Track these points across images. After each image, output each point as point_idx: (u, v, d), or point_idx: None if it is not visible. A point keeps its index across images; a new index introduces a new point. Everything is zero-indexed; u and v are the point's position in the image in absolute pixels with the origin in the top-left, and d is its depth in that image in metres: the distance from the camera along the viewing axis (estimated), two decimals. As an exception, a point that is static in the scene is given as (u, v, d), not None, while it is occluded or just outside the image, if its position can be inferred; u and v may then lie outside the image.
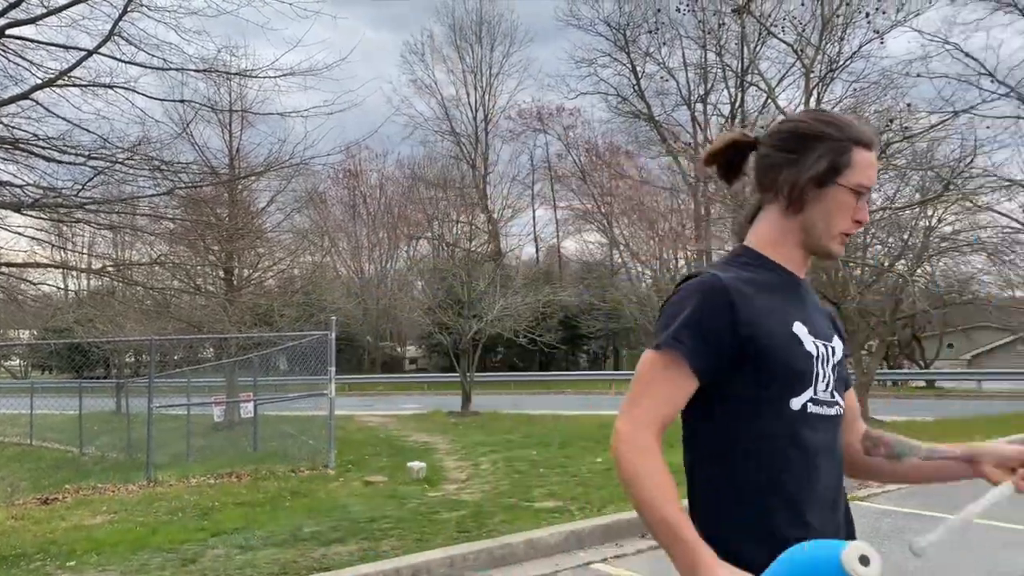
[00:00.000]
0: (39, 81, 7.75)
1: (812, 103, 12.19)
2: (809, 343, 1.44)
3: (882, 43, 13.02)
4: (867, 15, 11.85)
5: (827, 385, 1.45)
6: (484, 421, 16.35)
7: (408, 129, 46.32)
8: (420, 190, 35.60)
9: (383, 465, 10.13)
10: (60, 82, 7.84)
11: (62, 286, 22.13)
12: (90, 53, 7.88)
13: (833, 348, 1.49)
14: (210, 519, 6.93)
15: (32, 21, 7.63)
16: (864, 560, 1.16)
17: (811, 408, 1.42)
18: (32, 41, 7.83)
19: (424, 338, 35.95)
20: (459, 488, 8.19)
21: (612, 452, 1.37)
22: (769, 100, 15.33)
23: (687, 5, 20.89)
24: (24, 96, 7.69)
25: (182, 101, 9.74)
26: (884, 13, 11.91)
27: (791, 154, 1.46)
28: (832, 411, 1.46)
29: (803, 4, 12.05)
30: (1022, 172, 30.24)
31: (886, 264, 14.31)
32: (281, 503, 7.63)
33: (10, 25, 7.54)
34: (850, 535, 1.46)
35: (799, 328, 1.43)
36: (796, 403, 1.40)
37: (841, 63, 12.33)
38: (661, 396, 1.39)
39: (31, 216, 8.43)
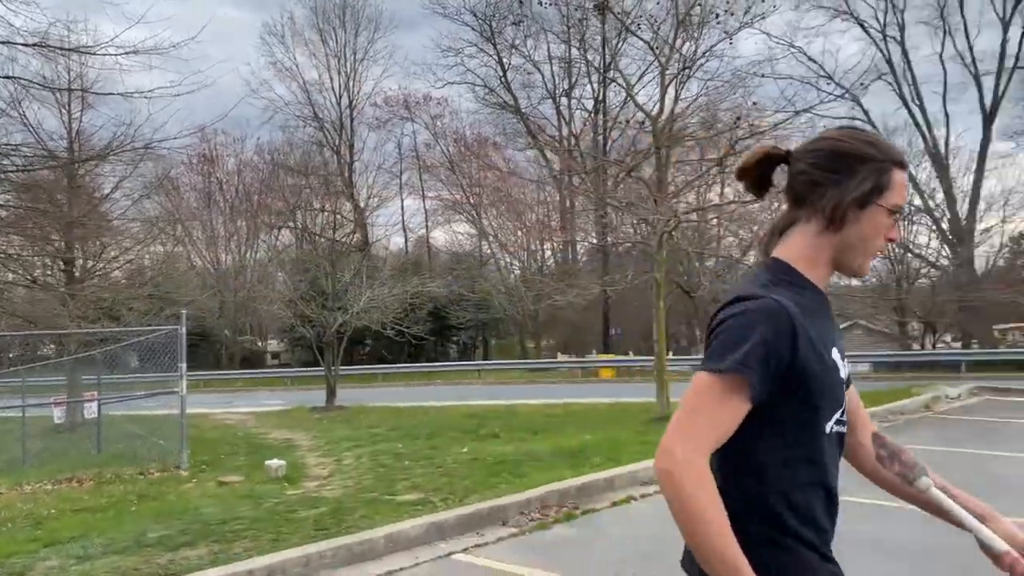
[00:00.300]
0: None
1: (668, 100, 12.70)
2: (842, 368, 1.49)
3: (731, 43, 13.72)
4: (717, 16, 12.42)
5: (843, 403, 1.51)
6: (350, 415, 16.05)
7: (268, 113, 44.82)
8: (281, 177, 34.44)
9: (240, 464, 9.74)
10: None
11: None
12: None
13: (846, 363, 1.55)
14: (44, 528, 6.44)
15: None
16: None
17: (836, 428, 1.49)
18: None
19: (286, 332, 34.89)
20: (320, 485, 7.99)
21: (663, 475, 1.33)
22: (629, 98, 15.76)
23: (551, -1, 21.13)
24: None
25: (8, 78, 8.94)
26: (733, 15, 12.53)
27: (834, 174, 1.47)
28: (845, 428, 1.53)
29: (658, 3, 12.51)
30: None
31: (738, 256, 15.13)
32: (126, 508, 7.18)
33: None
34: None
35: (835, 354, 1.47)
36: (829, 427, 1.46)
37: (695, 62, 12.86)
38: (720, 421, 1.36)
39: None
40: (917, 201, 35.95)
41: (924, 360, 30.88)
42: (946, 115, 36.72)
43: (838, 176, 1.46)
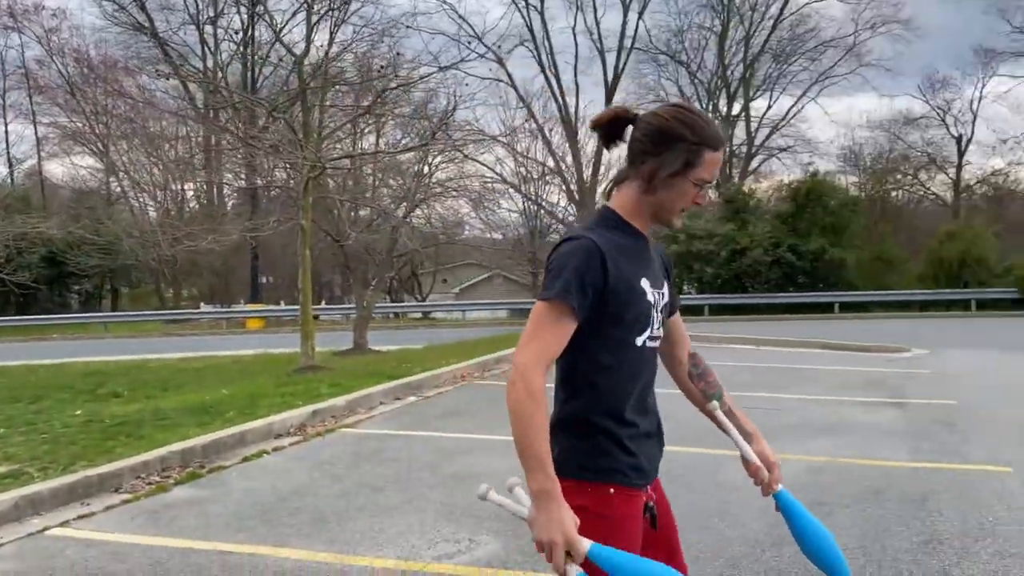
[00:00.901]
0: None
1: (319, 43, 12.29)
2: (650, 294, 1.83)
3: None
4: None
5: (658, 325, 1.88)
6: (-70, 378, 13.45)
7: None
8: None
9: None
10: None
11: None
12: None
13: (663, 293, 1.90)
14: None
15: None
16: None
17: (648, 343, 1.85)
18: None
19: None
20: None
21: (509, 383, 1.66)
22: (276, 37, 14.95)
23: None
24: None
25: None
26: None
27: (656, 147, 1.77)
28: (657, 343, 1.91)
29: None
30: (499, 129, 34.92)
31: (393, 207, 15.30)
32: None
33: None
34: (660, 431, 1.95)
35: (644, 283, 1.81)
36: (639, 340, 1.82)
37: (344, 4, 12.52)
38: (552, 338, 1.70)
39: None
40: (551, 163, 39.41)
41: (552, 307, 34.32)
42: (576, 85, 40.52)
43: (658, 150, 1.77)
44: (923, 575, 3.70)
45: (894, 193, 41.91)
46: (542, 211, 38.40)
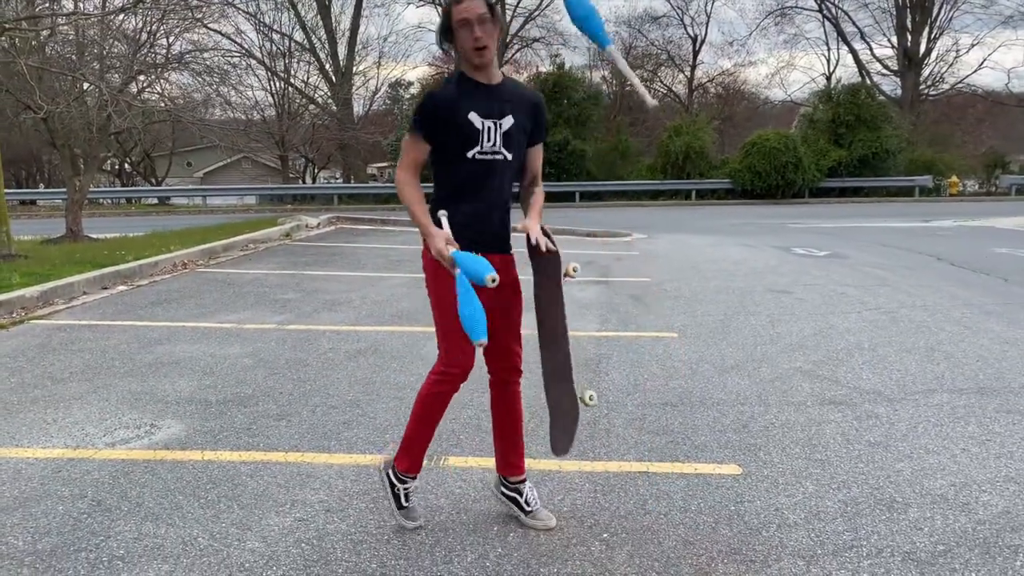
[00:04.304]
0: None
1: None
2: (478, 123, 2.69)
3: None
4: None
5: (493, 144, 2.73)
6: None
7: None
8: None
9: None
10: None
11: None
12: None
13: (500, 123, 2.73)
14: None
15: None
16: (493, 279, 2.48)
17: (478, 156, 2.73)
18: None
19: None
20: None
21: (396, 182, 2.78)
22: None
23: None
24: None
25: None
26: None
27: (441, 23, 2.74)
28: (497, 157, 2.76)
29: None
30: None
31: (115, 78, 13.66)
32: None
33: None
34: (505, 225, 2.91)
35: (472, 115, 2.68)
36: (470, 154, 2.72)
37: None
38: (412, 154, 2.76)
39: None
40: (299, 36, 37.14)
41: (304, 193, 33.26)
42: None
43: (443, 23, 2.72)
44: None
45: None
46: (292, 90, 36.37)
